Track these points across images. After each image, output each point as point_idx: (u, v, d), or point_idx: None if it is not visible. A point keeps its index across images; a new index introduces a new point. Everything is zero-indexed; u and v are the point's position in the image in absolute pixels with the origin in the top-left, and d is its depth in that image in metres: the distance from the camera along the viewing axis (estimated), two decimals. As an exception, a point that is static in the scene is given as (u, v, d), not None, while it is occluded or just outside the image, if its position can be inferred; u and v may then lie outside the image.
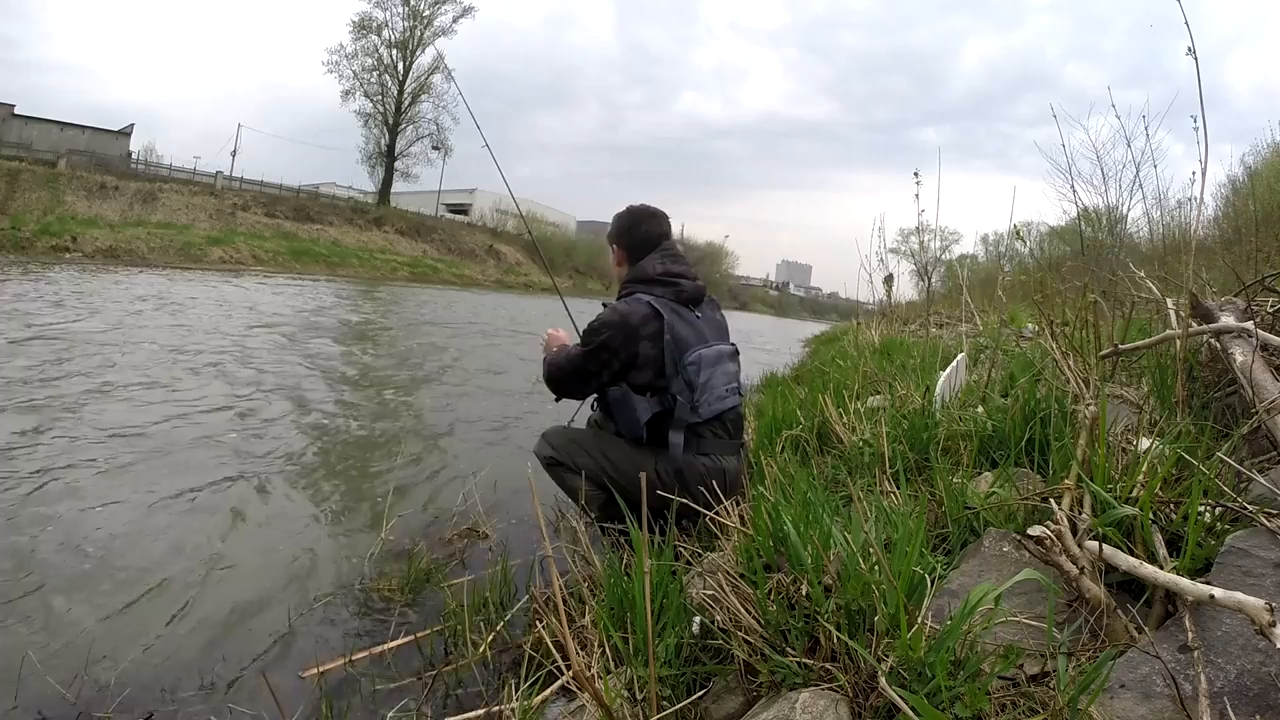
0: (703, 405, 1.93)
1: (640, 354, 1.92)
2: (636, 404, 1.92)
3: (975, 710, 0.90)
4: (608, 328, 1.93)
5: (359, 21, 34.47)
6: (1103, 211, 6.56)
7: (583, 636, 1.46)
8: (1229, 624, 0.91)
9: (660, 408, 1.93)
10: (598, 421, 2.15)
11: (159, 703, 1.38)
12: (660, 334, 1.92)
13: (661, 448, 1.94)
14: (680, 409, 1.91)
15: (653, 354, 1.92)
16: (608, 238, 2.22)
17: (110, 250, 18.55)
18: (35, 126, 25.09)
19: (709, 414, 1.95)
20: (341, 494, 2.68)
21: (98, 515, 2.21)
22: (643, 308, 1.95)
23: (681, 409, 1.91)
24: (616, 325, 1.93)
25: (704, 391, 1.93)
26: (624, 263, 2.14)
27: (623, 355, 1.92)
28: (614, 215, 2.20)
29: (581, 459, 2.00)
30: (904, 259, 20.37)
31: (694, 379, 1.91)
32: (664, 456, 1.95)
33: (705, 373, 1.93)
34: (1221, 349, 1.77)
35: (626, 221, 2.14)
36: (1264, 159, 7.43)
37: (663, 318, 1.93)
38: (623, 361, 1.93)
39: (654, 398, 1.94)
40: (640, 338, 1.92)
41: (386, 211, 34.35)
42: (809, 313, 56.63)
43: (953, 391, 2.44)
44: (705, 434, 1.96)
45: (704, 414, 1.94)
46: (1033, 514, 1.35)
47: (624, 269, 2.14)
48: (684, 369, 1.91)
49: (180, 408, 3.61)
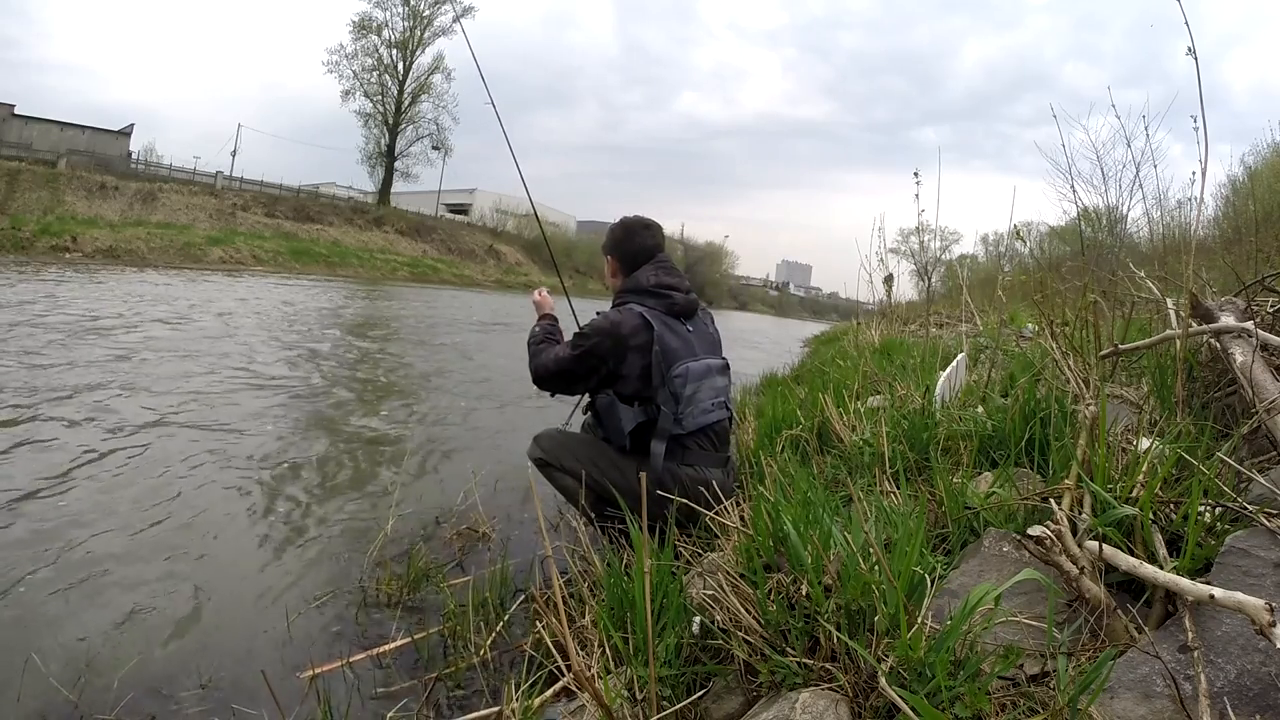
0: (686, 418, 1.94)
1: (627, 363, 1.94)
2: (622, 413, 1.96)
3: (975, 710, 0.90)
4: (598, 334, 1.96)
5: (359, 21, 34.52)
6: (1103, 211, 6.56)
7: (583, 636, 1.46)
8: (1229, 624, 0.91)
9: (644, 418, 1.95)
10: (590, 425, 2.16)
11: (160, 703, 1.38)
12: (649, 345, 1.94)
13: (646, 456, 1.95)
14: (663, 419, 1.92)
15: (640, 365, 1.94)
16: (602, 249, 2.25)
17: (110, 250, 18.54)
18: (35, 126, 25.08)
19: (693, 426, 1.96)
20: (341, 494, 2.68)
21: (98, 516, 2.21)
22: (634, 318, 1.97)
23: (665, 420, 1.92)
24: (606, 333, 1.95)
25: (689, 404, 1.94)
26: (618, 274, 2.17)
27: (610, 363, 1.95)
28: (609, 228, 2.24)
29: (569, 462, 2.02)
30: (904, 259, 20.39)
31: (680, 391, 1.93)
32: (648, 465, 1.95)
33: (691, 386, 1.95)
34: (1221, 349, 1.77)
35: (620, 233, 2.17)
36: (1264, 159, 7.43)
37: (653, 329, 1.95)
38: (610, 369, 1.96)
39: (639, 407, 1.96)
40: (629, 348, 1.94)
41: (386, 211, 34.35)
42: (809, 313, 56.68)
43: (953, 391, 2.44)
44: (690, 446, 1.97)
45: (688, 426, 1.95)
46: (1033, 514, 1.35)
47: (618, 279, 2.17)
48: (670, 381, 1.92)
49: (180, 408, 3.61)
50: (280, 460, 2.97)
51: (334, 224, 30.51)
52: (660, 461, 1.91)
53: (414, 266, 29.46)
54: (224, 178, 30.36)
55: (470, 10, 34.21)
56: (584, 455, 2.03)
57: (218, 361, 5.07)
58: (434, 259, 32.23)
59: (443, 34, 35.36)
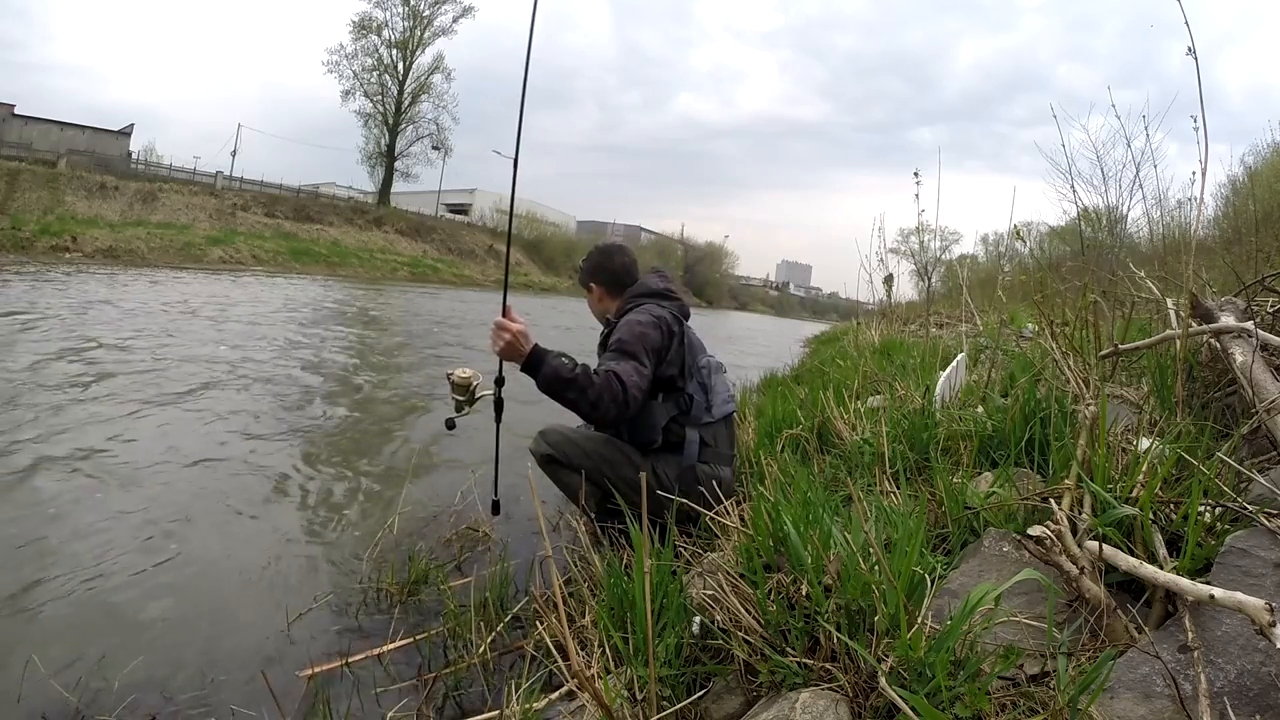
0: (715, 406, 2.05)
1: (672, 352, 2.00)
2: (655, 410, 1.98)
3: (975, 710, 0.90)
4: (652, 329, 1.93)
5: (359, 21, 34.49)
6: (1103, 211, 6.56)
7: (583, 636, 1.46)
8: (1229, 624, 0.91)
9: (677, 410, 2.01)
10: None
11: (160, 703, 1.38)
12: (682, 336, 2.04)
13: (661, 452, 2.00)
14: (696, 408, 2.00)
15: (679, 354, 2.01)
16: (580, 281, 2.28)
17: (110, 250, 18.52)
18: (35, 126, 25.08)
19: (720, 415, 2.06)
20: (342, 494, 2.68)
21: (98, 518, 2.20)
22: (664, 312, 2.03)
23: (698, 408, 2.01)
24: (654, 326, 1.96)
25: (714, 393, 2.05)
26: (605, 298, 2.20)
27: (664, 355, 1.98)
28: (582, 260, 2.30)
29: (579, 458, 2.01)
30: (904, 259, 20.38)
31: (707, 381, 2.04)
32: (663, 459, 1.99)
33: (714, 378, 2.08)
34: (1221, 349, 1.77)
35: (599, 259, 2.23)
36: (1264, 159, 7.43)
37: (681, 322, 2.06)
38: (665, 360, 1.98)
39: (668, 401, 2.00)
40: (674, 338, 2.01)
41: (386, 211, 34.33)
42: (809, 313, 56.65)
43: (953, 391, 2.44)
44: (709, 441, 2.02)
45: (716, 414, 2.04)
46: (1033, 514, 1.35)
47: (606, 303, 2.20)
48: (697, 372, 2.03)
49: (179, 409, 3.61)
50: (280, 460, 2.97)
51: (334, 224, 30.48)
52: (695, 450, 1.97)
53: (414, 266, 29.44)
54: (224, 178, 30.34)
55: (470, 10, 34.27)
56: (595, 452, 2.02)
57: (215, 362, 5.07)
58: (434, 259, 32.20)
59: (443, 34, 35.41)
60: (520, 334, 1.76)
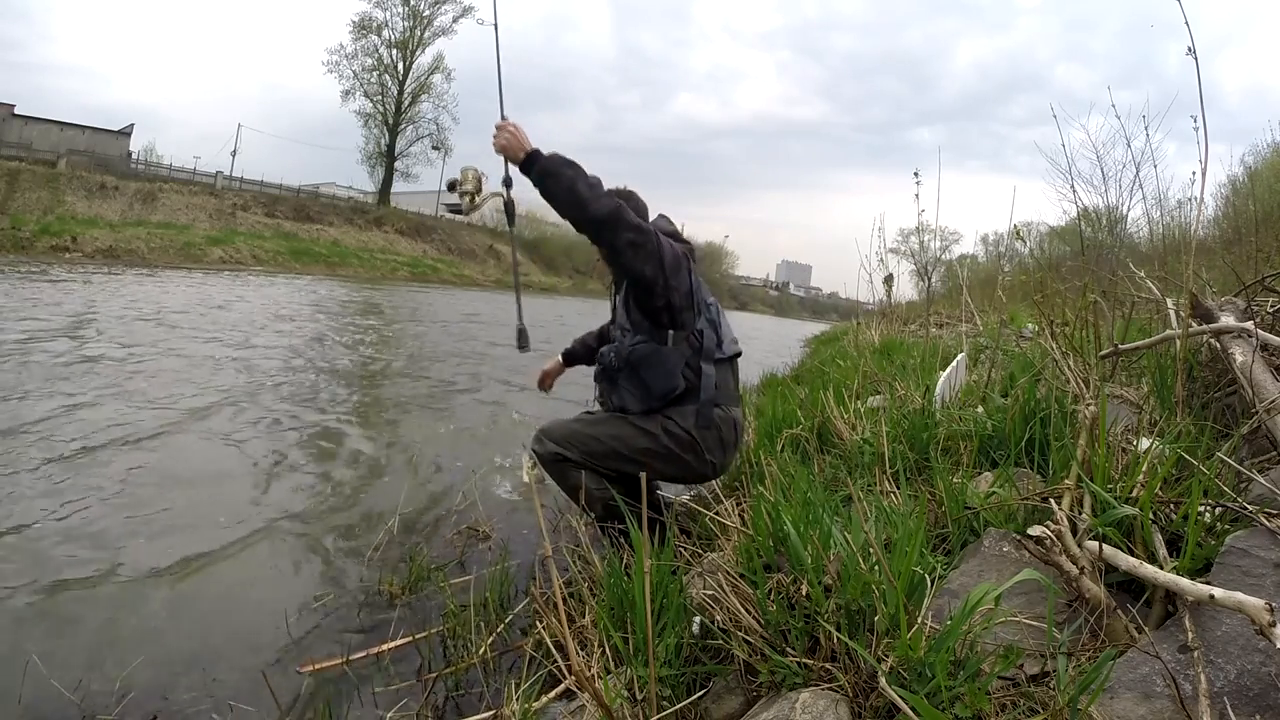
0: (725, 343, 2.03)
1: (679, 277, 1.91)
2: (667, 356, 1.92)
3: (975, 710, 0.90)
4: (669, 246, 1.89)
5: (359, 22, 34.48)
6: (1103, 211, 6.56)
7: (583, 636, 1.46)
8: (1229, 624, 0.91)
9: (690, 350, 1.96)
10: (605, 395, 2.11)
11: (161, 703, 1.38)
12: (690, 270, 1.98)
13: (673, 403, 1.94)
14: (708, 342, 1.98)
15: (688, 284, 1.95)
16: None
17: (110, 250, 18.52)
18: (35, 126, 25.07)
19: (731, 352, 2.05)
20: (342, 494, 2.68)
21: (98, 518, 2.20)
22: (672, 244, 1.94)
23: (709, 342, 1.98)
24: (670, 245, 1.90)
25: (723, 330, 2.04)
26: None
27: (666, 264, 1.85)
28: None
29: (591, 445, 1.96)
30: (904, 259, 20.39)
31: (715, 319, 2.03)
32: (676, 411, 1.94)
33: (720, 317, 2.07)
34: (1221, 349, 1.77)
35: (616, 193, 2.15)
36: (1264, 159, 7.43)
37: (690, 255, 2.01)
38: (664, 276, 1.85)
39: (680, 344, 1.94)
40: (683, 261, 1.95)
41: (386, 211, 34.32)
42: (809, 313, 56.60)
43: (953, 391, 2.44)
44: (720, 381, 2.00)
45: (726, 351, 2.03)
46: (1033, 514, 1.35)
47: None
48: (706, 309, 2.01)
49: (178, 410, 3.61)
50: (280, 460, 2.97)
51: (334, 224, 30.48)
52: (712, 384, 1.94)
53: (414, 266, 29.44)
54: (224, 178, 30.34)
55: (470, 10, 34.25)
56: (604, 434, 1.98)
57: (215, 362, 5.07)
58: (434, 259, 32.20)
59: (443, 34, 35.40)
60: (520, 131, 1.79)
